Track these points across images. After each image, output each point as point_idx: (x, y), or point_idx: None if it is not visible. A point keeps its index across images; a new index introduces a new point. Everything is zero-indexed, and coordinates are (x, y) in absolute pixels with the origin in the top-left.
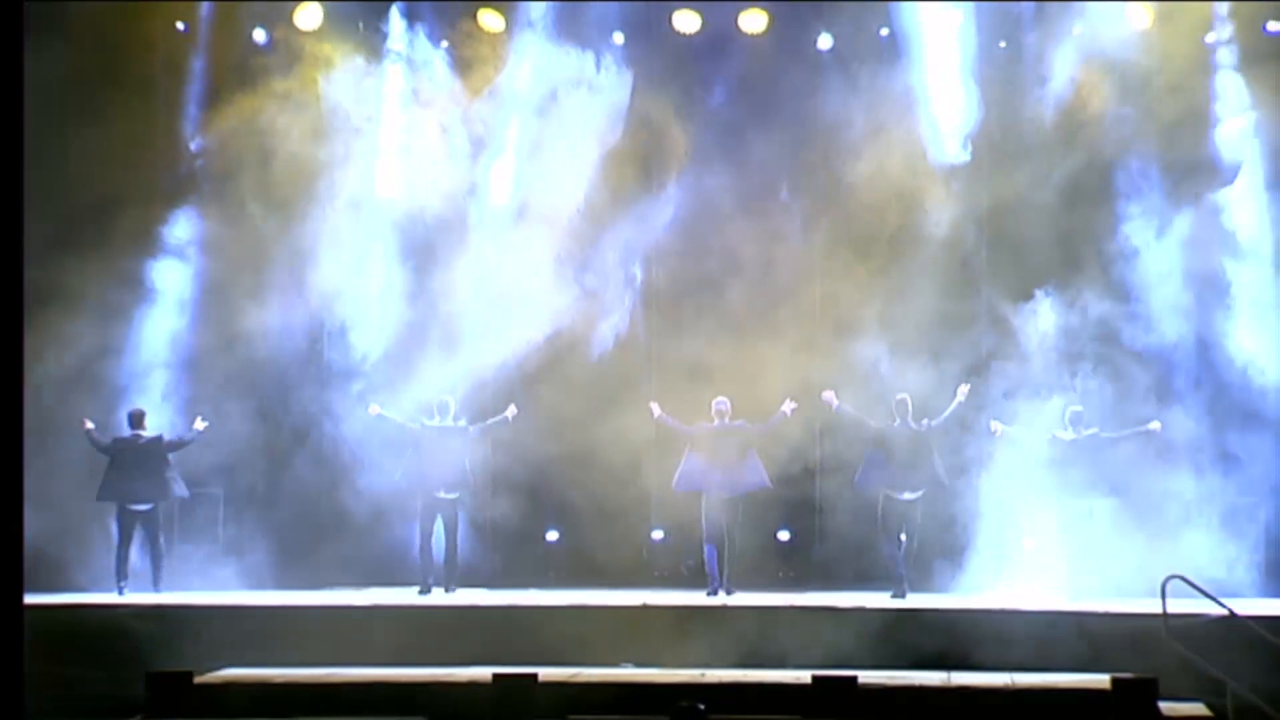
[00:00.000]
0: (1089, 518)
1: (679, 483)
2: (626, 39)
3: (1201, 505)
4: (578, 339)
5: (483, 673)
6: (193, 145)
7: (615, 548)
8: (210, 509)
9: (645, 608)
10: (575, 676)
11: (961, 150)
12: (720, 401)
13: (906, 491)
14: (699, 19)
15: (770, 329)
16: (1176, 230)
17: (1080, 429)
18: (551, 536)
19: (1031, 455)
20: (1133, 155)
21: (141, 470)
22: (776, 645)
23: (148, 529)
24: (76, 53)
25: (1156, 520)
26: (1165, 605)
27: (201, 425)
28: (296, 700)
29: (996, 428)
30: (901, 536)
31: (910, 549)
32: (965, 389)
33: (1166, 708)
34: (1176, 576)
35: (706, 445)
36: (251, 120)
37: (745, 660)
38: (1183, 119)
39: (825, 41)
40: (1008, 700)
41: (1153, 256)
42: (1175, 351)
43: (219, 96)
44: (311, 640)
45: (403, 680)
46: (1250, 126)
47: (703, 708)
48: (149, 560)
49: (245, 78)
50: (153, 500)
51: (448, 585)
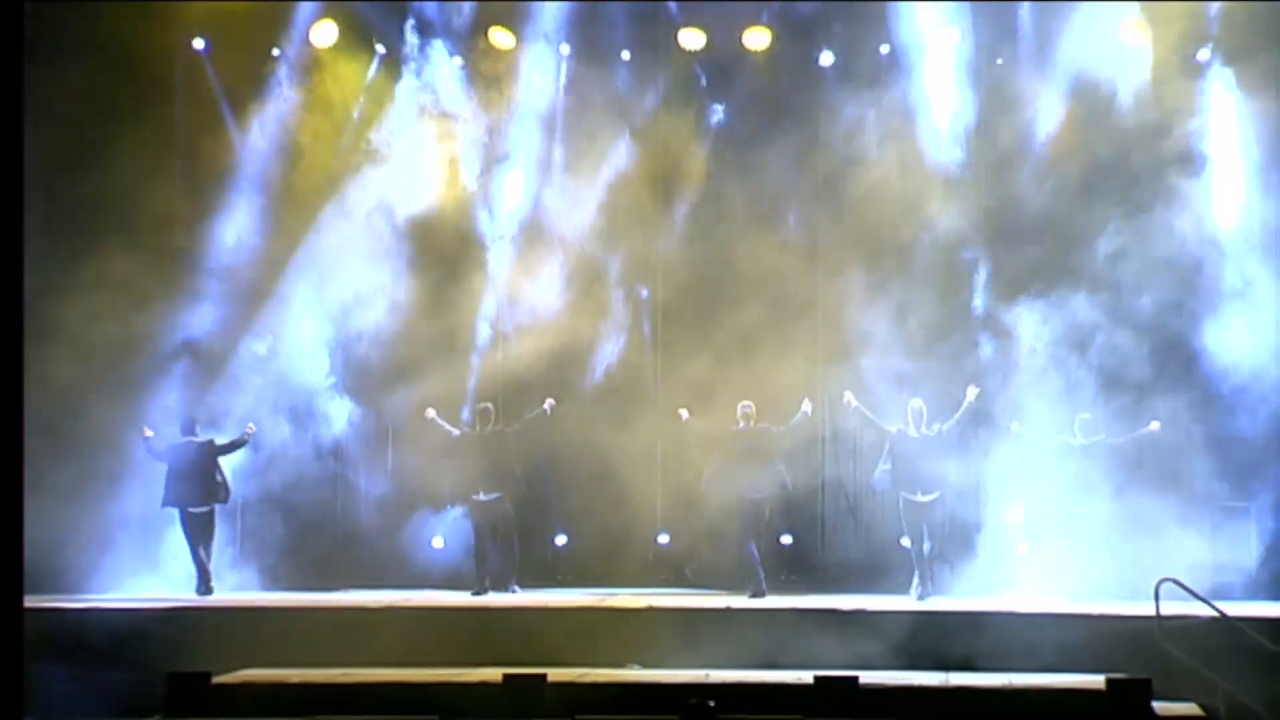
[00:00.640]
0: (1096, 520)
1: (708, 484)
2: (634, 56)
3: (1196, 508)
4: (587, 350)
5: (493, 673)
6: (212, 159)
7: (621, 552)
8: (228, 513)
9: (651, 610)
10: (583, 677)
11: (961, 161)
12: (745, 405)
13: (920, 493)
14: (705, 37)
15: (777, 339)
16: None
17: (1089, 435)
18: (560, 541)
19: (1042, 459)
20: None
21: (195, 475)
22: (779, 647)
23: (199, 532)
24: (96, 70)
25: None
26: (1159, 607)
27: (252, 429)
28: (312, 700)
29: (1016, 428)
30: (924, 540)
31: (932, 550)
32: (975, 391)
33: (1160, 708)
34: (1170, 579)
35: (732, 448)
36: (268, 134)
37: (748, 661)
38: (1172, 124)
39: (827, 58)
40: (1005, 700)
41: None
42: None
43: (237, 112)
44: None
45: (415, 680)
46: (1238, 131)
47: (712, 704)
48: (197, 563)
49: (262, 93)
50: (208, 504)
51: (507, 585)
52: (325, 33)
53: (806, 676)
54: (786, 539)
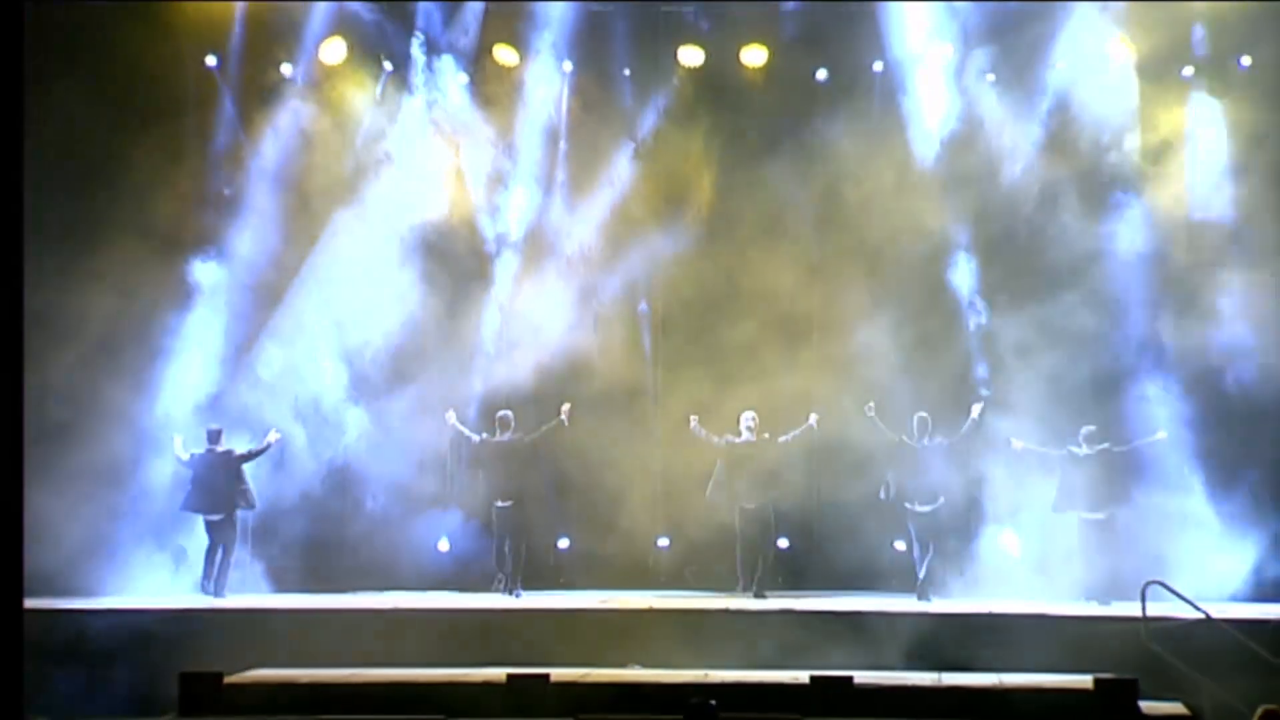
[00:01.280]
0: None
1: (711, 492)
2: (635, 73)
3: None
4: (589, 362)
5: (497, 673)
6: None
7: (622, 554)
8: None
9: (651, 611)
10: (585, 677)
11: (954, 173)
12: (748, 415)
13: (919, 503)
14: (703, 54)
15: (777, 351)
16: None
17: (1093, 445)
18: (563, 544)
19: (1047, 470)
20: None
21: (214, 483)
22: (776, 647)
23: (217, 538)
24: (108, 83)
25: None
26: (1145, 609)
27: (274, 437)
28: (321, 700)
29: (1018, 445)
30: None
31: (932, 557)
32: (979, 407)
33: (1147, 707)
34: (1156, 582)
35: (734, 457)
36: (277, 151)
37: (746, 661)
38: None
39: (822, 74)
40: (996, 699)
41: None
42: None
43: (247, 129)
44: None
45: (421, 680)
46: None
47: (714, 703)
48: (209, 566)
49: (272, 110)
50: (221, 511)
51: (513, 589)
52: (334, 50)
53: (803, 676)
54: (783, 543)
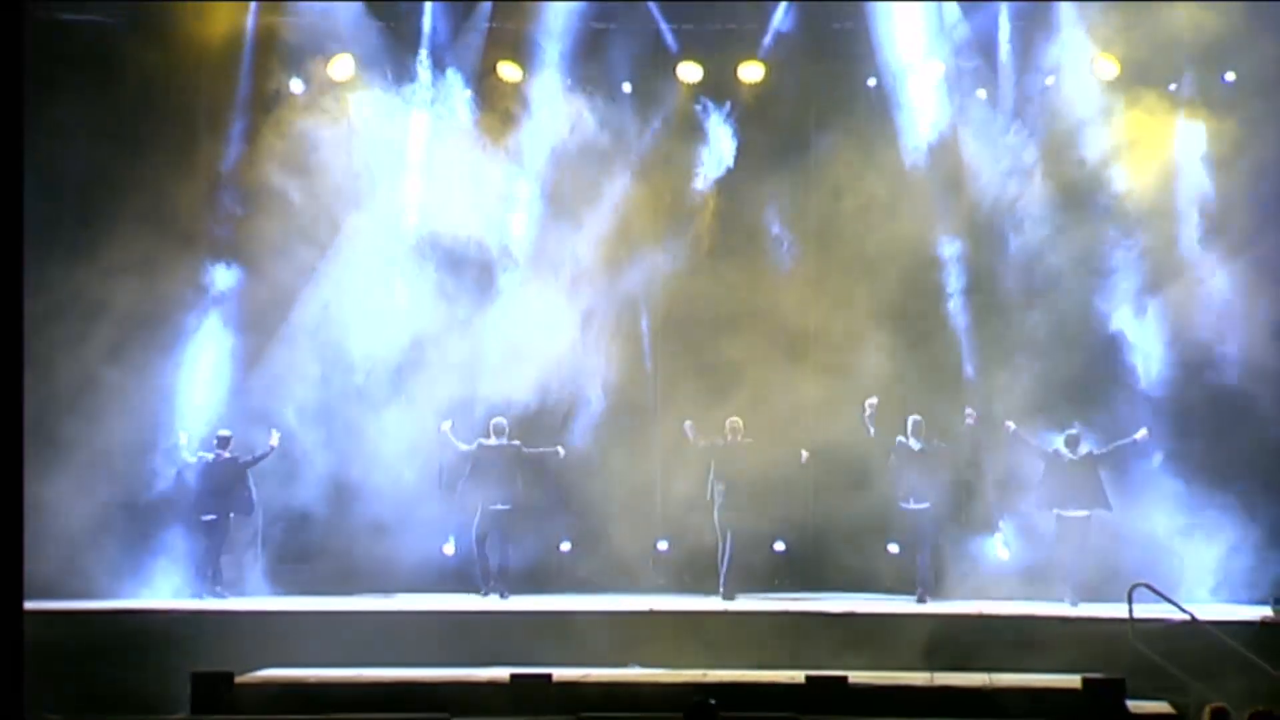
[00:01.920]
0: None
1: (708, 493)
2: (635, 89)
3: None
4: (590, 373)
5: (500, 673)
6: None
7: (623, 557)
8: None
9: (651, 613)
10: (586, 677)
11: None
12: (732, 420)
13: (912, 501)
14: (701, 70)
15: (773, 362)
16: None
17: (1077, 449)
18: (565, 547)
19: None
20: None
21: (219, 488)
22: (773, 647)
23: (213, 539)
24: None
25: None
26: (1131, 610)
27: (276, 439)
28: (328, 699)
29: (1011, 425)
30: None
31: (925, 556)
32: (973, 414)
33: (1134, 706)
34: (1142, 584)
35: (721, 460)
36: (285, 165)
37: (743, 661)
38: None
39: (818, 91)
40: (986, 698)
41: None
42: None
43: (255, 143)
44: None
45: (426, 680)
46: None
47: (714, 703)
48: (206, 566)
49: (281, 125)
50: (222, 514)
51: (502, 591)
52: (342, 65)
53: (798, 675)
54: (779, 545)
